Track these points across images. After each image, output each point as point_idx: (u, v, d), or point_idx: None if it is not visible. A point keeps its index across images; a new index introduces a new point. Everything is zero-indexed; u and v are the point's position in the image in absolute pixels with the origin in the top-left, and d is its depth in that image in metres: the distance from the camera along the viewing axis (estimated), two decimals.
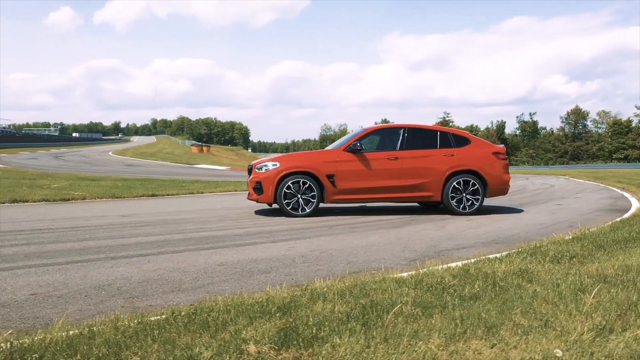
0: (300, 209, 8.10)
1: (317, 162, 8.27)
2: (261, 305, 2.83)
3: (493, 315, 2.75)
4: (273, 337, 2.41)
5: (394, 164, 8.40)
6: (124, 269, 4.16)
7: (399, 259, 4.79)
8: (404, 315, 2.74)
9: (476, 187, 8.52)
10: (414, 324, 2.59)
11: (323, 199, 8.26)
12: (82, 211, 8.59)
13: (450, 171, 8.48)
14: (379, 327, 2.57)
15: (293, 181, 8.09)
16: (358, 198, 8.37)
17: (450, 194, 8.46)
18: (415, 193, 8.49)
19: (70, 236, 5.83)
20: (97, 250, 4.97)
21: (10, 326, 2.74)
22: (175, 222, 7.30)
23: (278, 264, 4.48)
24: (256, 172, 8.36)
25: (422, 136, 8.74)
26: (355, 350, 2.27)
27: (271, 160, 8.45)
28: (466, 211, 8.48)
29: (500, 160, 8.79)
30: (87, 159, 39.35)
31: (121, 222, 7.18)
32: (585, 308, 2.87)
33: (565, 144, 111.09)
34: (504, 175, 8.80)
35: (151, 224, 7.04)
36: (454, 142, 8.72)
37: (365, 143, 8.67)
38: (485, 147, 8.87)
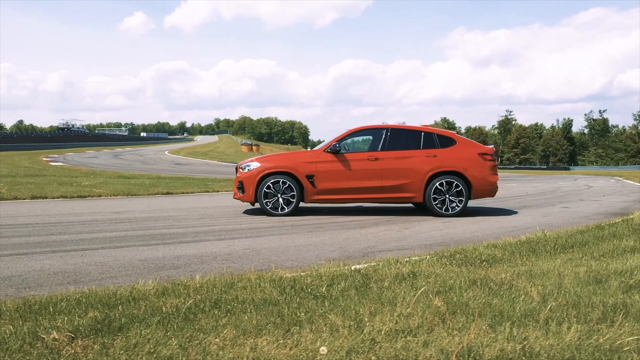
0: (280, 209, 8.29)
1: (296, 163, 8.42)
2: (87, 297, 3.06)
3: (305, 315, 2.83)
4: (80, 326, 2.63)
5: (374, 164, 8.41)
6: (50, 262, 4.53)
7: (318, 259, 4.88)
8: (223, 310, 2.88)
9: (460, 189, 8.37)
10: (210, 319, 2.73)
11: (303, 198, 8.40)
12: (83, 207, 9.19)
13: (433, 172, 8.38)
14: (186, 321, 2.73)
15: (273, 181, 8.29)
16: (338, 198, 8.45)
17: (433, 195, 8.36)
18: (397, 194, 8.46)
19: (40, 230, 6.32)
20: (46, 244, 5.39)
21: None
22: (155, 219, 7.70)
23: (196, 261, 4.70)
24: (240, 171, 8.63)
25: (405, 137, 8.69)
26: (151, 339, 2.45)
27: (253, 160, 8.69)
28: (449, 213, 8.35)
29: (486, 161, 8.58)
30: (141, 157, 41.37)
31: (107, 218, 7.65)
32: (406, 310, 2.89)
33: (638, 142, 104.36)
34: (490, 176, 8.58)
35: (131, 220, 7.46)
36: (439, 143, 8.60)
37: (348, 144, 8.73)
38: (472, 148, 8.68)
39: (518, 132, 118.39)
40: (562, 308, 3.02)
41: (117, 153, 48.02)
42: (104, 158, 38.27)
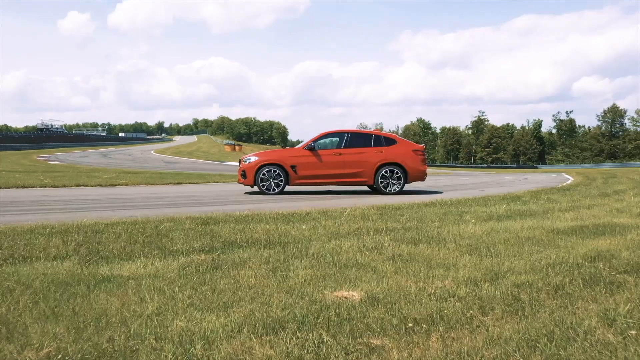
0: (272, 190, 11.71)
1: (284, 157, 11.88)
2: (194, 217, 6.49)
3: (295, 220, 6.31)
4: (198, 221, 6.05)
5: (338, 158, 11.91)
6: (145, 212, 7.88)
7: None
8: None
9: (399, 175, 11.93)
10: (254, 220, 6.21)
11: (289, 182, 11.85)
12: (126, 191, 12.48)
13: (380, 163, 11.91)
14: (243, 222, 6.18)
15: (267, 170, 11.72)
16: (314, 182, 11.92)
17: (380, 179, 11.90)
18: (355, 179, 11.98)
19: (118, 200, 9.65)
20: (131, 206, 8.73)
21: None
22: (186, 197, 11.05)
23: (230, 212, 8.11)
24: (243, 163, 12.04)
25: (360, 138, 12.23)
26: (230, 225, 5.87)
27: (253, 155, 12.13)
28: (392, 192, 11.90)
29: (418, 155, 12.18)
30: (130, 157, 44.24)
31: (151, 196, 10.97)
32: (340, 219, 6.40)
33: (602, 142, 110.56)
34: (421, 166, 12.19)
35: (169, 197, 10.80)
36: (385, 143, 12.15)
37: (320, 143, 12.21)
38: (408, 146, 12.27)
39: (490, 132, 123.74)
40: (414, 219, 6.56)
41: (104, 153, 50.65)
42: (94, 157, 40.89)
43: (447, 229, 5.86)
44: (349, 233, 5.49)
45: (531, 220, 6.79)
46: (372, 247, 4.73)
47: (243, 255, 4.26)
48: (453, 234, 5.56)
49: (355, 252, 4.49)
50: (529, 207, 8.40)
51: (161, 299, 3.06)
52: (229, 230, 5.47)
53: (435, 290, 3.28)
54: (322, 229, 5.69)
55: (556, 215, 7.52)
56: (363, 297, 3.11)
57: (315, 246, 4.70)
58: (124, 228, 5.48)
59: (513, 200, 9.86)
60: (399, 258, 4.30)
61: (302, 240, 5.02)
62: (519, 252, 4.63)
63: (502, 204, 8.96)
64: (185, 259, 4.09)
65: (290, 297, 3.13)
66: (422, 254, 4.50)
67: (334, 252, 4.49)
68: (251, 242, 4.84)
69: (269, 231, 5.48)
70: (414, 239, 5.17)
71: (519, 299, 3.15)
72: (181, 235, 5.17)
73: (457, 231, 5.73)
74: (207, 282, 3.45)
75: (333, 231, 5.56)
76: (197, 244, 4.69)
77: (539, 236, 5.51)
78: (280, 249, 4.59)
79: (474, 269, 3.92)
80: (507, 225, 6.22)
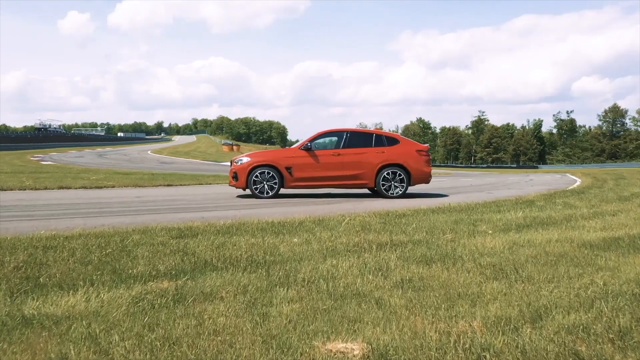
0: (265, 193, 10.88)
1: (278, 157, 11.04)
2: (167, 227, 5.65)
3: (287, 231, 5.47)
4: (171, 235, 5.21)
5: (337, 158, 11.08)
6: (121, 219, 7.05)
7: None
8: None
9: (402, 177, 11.09)
10: (238, 232, 5.36)
11: (283, 185, 11.01)
12: (109, 194, 11.64)
13: (381, 164, 11.08)
14: (225, 233, 5.34)
15: (260, 172, 10.88)
16: (310, 185, 11.09)
17: (382, 182, 11.06)
18: (354, 181, 11.14)
19: (95, 206, 8.81)
20: (107, 213, 7.90)
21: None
22: (172, 200, 10.22)
23: (215, 219, 7.28)
24: (234, 164, 11.20)
25: (360, 138, 11.40)
26: (211, 237, 5.04)
27: (245, 156, 11.29)
28: (394, 195, 11.07)
29: (422, 156, 11.34)
30: (126, 157, 43.36)
31: (135, 200, 10.14)
32: (338, 230, 5.56)
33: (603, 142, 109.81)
34: (425, 167, 11.34)
35: (154, 201, 9.97)
36: (386, 142, 11.32)
37: (317, 143, 11.38)
38: (411, 146, 11.44)
39: (490, 132, 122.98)
40: (423, 229, 5.73)
41: (101, 153, 49.78)
42: (89, 157, 40.03)
43: (462, 243, 5.03)
44: (347, 249, 4.66)
45: (555, 231, 5.97)
46: (375, 268, 3.90)
47: (216, 282, 3.43)
48: (470, 249, 4.73)
49: (355, 276, 3.66)
50: (548, 214, 7.57)
51: (89, 356, 2.22)
52: (205, 246, 4.64)
53: (463, 339, 2.45)
54: (317, 243, 4.85)
55: (580, 224, 6.69)
56: (366, 353, 2.28)
57: (307, 268, 3.87)
58: (82, 243, 4.65)
59: (527, 205, 9.03)
60: (410, 285, 3.47)
61: (291, 259, 4.19)
62: (554, 275, 3.80)
63: (517, 209, 8.14)
64: (142, 287, 3.26)
65: (268, 353, 2.29)
66: (437, 278, 3.67)
67: (329, 275, 3.67)
68: (229, 263, 4.01)
69: (253, 247, 4.65)
70: (426, 257, 4.34)
71: (578, 354, 2.31)
72: (148, 252, 4.34)
73: (474, 245, 4.90)
74: (160, 325, 2.62)
75: (329, 246, 4.73)
76: (163, 265, 3.86)
77: (571, 252, 4.69)
78: (263, 272, 3.76)
79: (506, 302, 3.09)
80: (529, 238, 5.39)
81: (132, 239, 4.93)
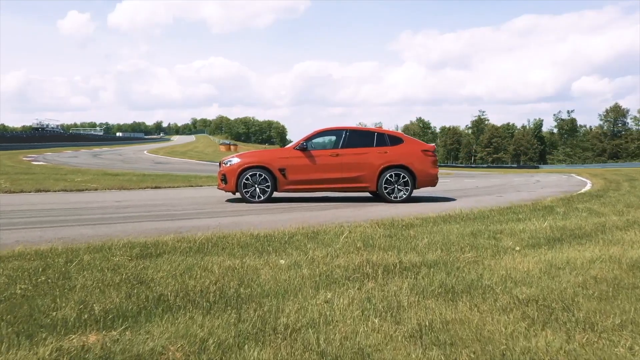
0: (257, 197, 9.92)
1: (271, 158, 10.09)
2: (129, 243, 4.70)
3: (272, 249, 4.52)
4: (132, 255, 4.25)
5: (335, 159, 10.12)
6: (85, 230, 6.11)
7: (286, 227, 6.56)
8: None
9: (406, 179, 10.14)
10: (212, 250, 4.40)
11: (277, 188, 10.06)
12: (88, 198, 10.68)
13: (383, 166, 10.13)
14: (197, 252, 4.39)
15: (251, 174, 9.92)
16: (306, 188, 10.13)
17: (384, 185, 10.11)
18: (354, 184, 10.19)
19: (65, 212, 7.86)
20: (77, 221, 6.96)
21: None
22: (153, 205, 9.26)
23: (195, 230, 6.34)
24: (223, 166, 10.25)
25: (361, 136, 10.44)
26: (177, 259, 4.09)
27: (235, 156, 10.33)
28: (397, 199, 10.11)
29: (428, 156, 10.38)
30: (121, 157, 42.36)
31: (113, 205, 9.18)
32: (336, 247, 4.61)
33: (604, 142, 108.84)
34: (431, 169, 10.39)
35: (134, 206, 9.02)
36: (389, 142, 10.37)
37: (314, 142, 10.43)
38: (416, 146, 10.48)
39: (490, 131, 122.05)
40: (437, 245, 4.78)
41: (96, 153, 48.79)
42: (83, 158, 39.10)
43: (487, 265, 4.09)
44: (346, 275, 3.71)
45: (593, 247, 5.02)
46: (383, 307, 2.96)
47: (164, 334, 2.48)
48: (499, 274, 3.79)
49: (357, 322, 2.71)
50: (576, 224, 6.61)
51: None
52: (168, 271, 3.69)
53: None
54: (308, 267, 3.90)
55: (618, 236, 5.74)
56: None
57: (293, 307, 2.92)
58: (15, 267, 3.70)
59: (547, 211, 8.08)
60: (432, 337, 2.52)
61: (273, 292, 3.24)
62: (620, 317, 2.86)
63: (538, 217, 7.19)
64: (55, 345, 2.30)
65: None
66: (467, 323, 2.72)
67: (322, 320, 2.72)
68: (190, 299, 3.06)
69: (228, 272, 3.70)
70: (446, 287, 3.39)
71: None
72: (91, 281, 3.39)
73: (504, 268, 3.96)
74: None
75: (323, 271, 3.78)
76: (100, 304, 2.91)
77: (625, 278, 3.74)
78: (233, 314, 2.81)
79: None
80: (566, 257, 4.45)
81: (81, 260, 3.98)
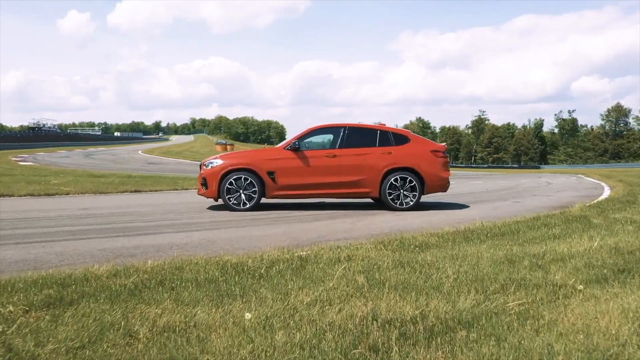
0: (242, 204, 8.62)
1: (258, 160, 8.77)
2: (44, 278, 3.39)
3: (239, 290, 3.21)
4: (35, 302, 2.95)
5: (332, 161, 8.82)
6: (12, 252, 4.81)
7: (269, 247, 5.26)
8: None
9: (413, 184, 8.83)
10: (153, 294, 3.09)
11: (265, 194, 8.75)
12: (51, 205, 9.37)
13: (388, 168, 8.82)
14: (132, 295, 3.08)
15: (235, 177, 8.61)
16: (298, 194, 8.83)
17: (388, 190, 8.80)
18: (353, 189, 8.88)
19: (5, 225, 6.55)
20: (10, 237, 5.65)
21: None
22: (120, 214, 7.95)
23: (153, 250, 5.03)
24: (204, 168, 8.94)
25: (362, 135, 9.13)
26: (98, 310, 2.79)
27: (217, 157, 9.02)
28: (403, 207, 8.80)
29: (438, 158, 9.07)
30: (114, 157, 41.02)
31: (73, 214, 7.86)
32: (330, 285, 3.29)
33: (606, 142, 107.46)
34: (442, 172, 9.08)
35: (96, 216, 7.71)
36: (393, 141, 9.05)
37: (308, 142, 9.12)
38: (424, 146, 9.17)
39: (491, 131, 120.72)
40: (467, 280, 3.46)
41: (90, 153, 47.51)
42: (75, 157, 37.83)
43: (550, 320, 2.78)
44: (342, 348, 2.40)
45: None
46: None
47: None
48: (576, 340, 2.48)
49: None
50: (632, 243, 5.29)
51: None
52: (65, 340, 2.38)
53: None
54: (284, 330, 2.58)
55: None
56: None
57: None
58: None
59: (583, 223, 6.76)
60: None
61: None
62: None
63: (578, 232, 5.89)
64: None
65: None
66: None
67: None
68: None
69: (160, 339, 2.40)
70: None
71: None
72: None
73: (577, 327, 2.66)
74: None
75: (307, 341, 2.46)
76: None
77: None
78: None
79: None
80: None
81: None
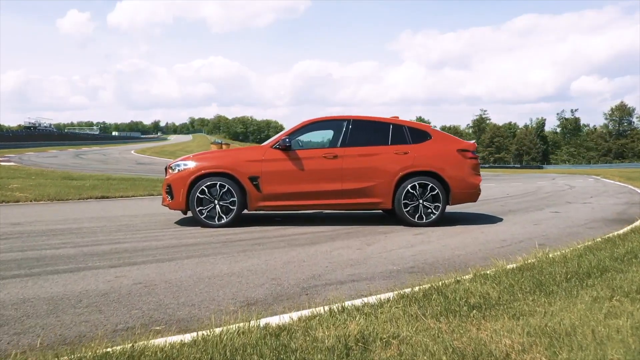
0: (217, 218, 6.72)
1: (237, 162, 6.86)
2: None
3: None
4: None
5: (332, 163, 6.90)
6: None
7: (232, 301, 3.34)
8: None
9: (436, 192, 6.92)
10: None
11: (246, 205, 6.85)
12: None
13: (403, 172, 6.91)
14: None
15: (209, 184, 6.71)
16: (288, 205, 6.91)
17: (403, 200, 6.89)
18: (359, 199, 6.96)
19: None
20: None
21: None
22: (55, 233, 6.06)
23: (41, 311, 3.14)
24: (170, 172, 7.04)
25: (370, 130, 7.22)
26: None
27: (188, 158, 7.11)
28: (423, 222, 6.89)
29: (467, 159, 7.15)
30: (104, 157, 39.10)
31: None
32: None
33: (609, 141, 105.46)
34: (473, 177, 7.16)
35: (20, 235, 5.82)
36: (410, 138, 7.15)
37: (302, 139, 7.22)
38: (450, 144, 7.24)
39: (492, 131, 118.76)
40: None
41: (80, 152, 45.67)
42: (63, 157, 35.94)
43: None
44: None
45: None
46: None
47: None
48: None
49: None
50: None
51: None
52: None
53: None
54: None
55: None
56: None
57: None
58: None
59: None
60: None
61: None
62: None
63: None
64: None
65: None
66: None
67: None
68: None
69: None
70: None
71: None
72: None
73: None
74: None
75: None
76: None
77: None
78: None
79: None
80: None
81: None
